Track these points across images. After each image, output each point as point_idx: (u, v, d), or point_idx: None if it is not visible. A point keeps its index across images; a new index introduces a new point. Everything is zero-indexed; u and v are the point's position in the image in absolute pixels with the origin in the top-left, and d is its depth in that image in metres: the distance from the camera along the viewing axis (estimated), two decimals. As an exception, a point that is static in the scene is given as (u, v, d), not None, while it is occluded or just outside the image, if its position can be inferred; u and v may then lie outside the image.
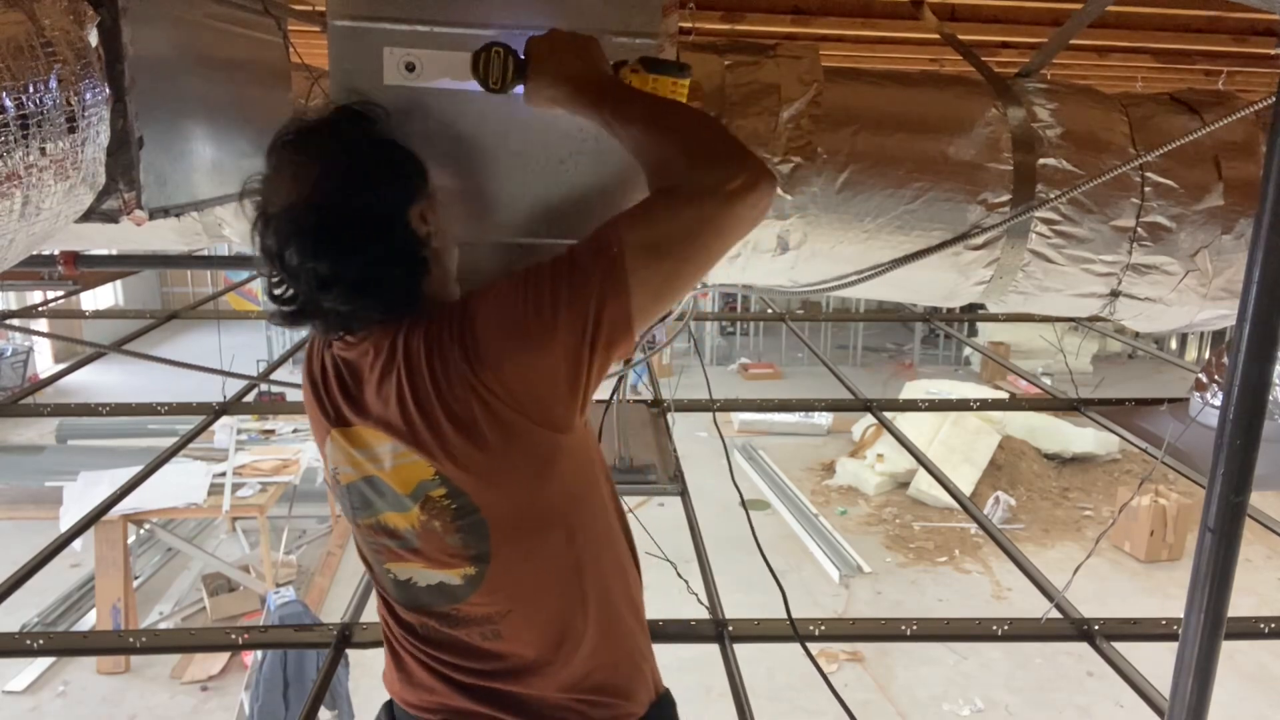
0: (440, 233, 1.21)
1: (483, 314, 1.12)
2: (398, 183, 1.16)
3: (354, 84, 1.52)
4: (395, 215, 1.14)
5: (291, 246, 1.09)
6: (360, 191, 1.12)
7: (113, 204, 1.42)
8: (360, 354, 1.19)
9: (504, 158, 1.57)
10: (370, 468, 1.20)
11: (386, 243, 1.12)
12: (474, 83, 1.42)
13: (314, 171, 1.12)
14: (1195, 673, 1.30)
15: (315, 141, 1.16)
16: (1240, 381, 1.21)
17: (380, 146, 1.18)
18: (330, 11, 1.49)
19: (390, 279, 1.13)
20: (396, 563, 1.25)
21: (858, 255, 1.95)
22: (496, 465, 1.13)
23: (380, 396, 1.16)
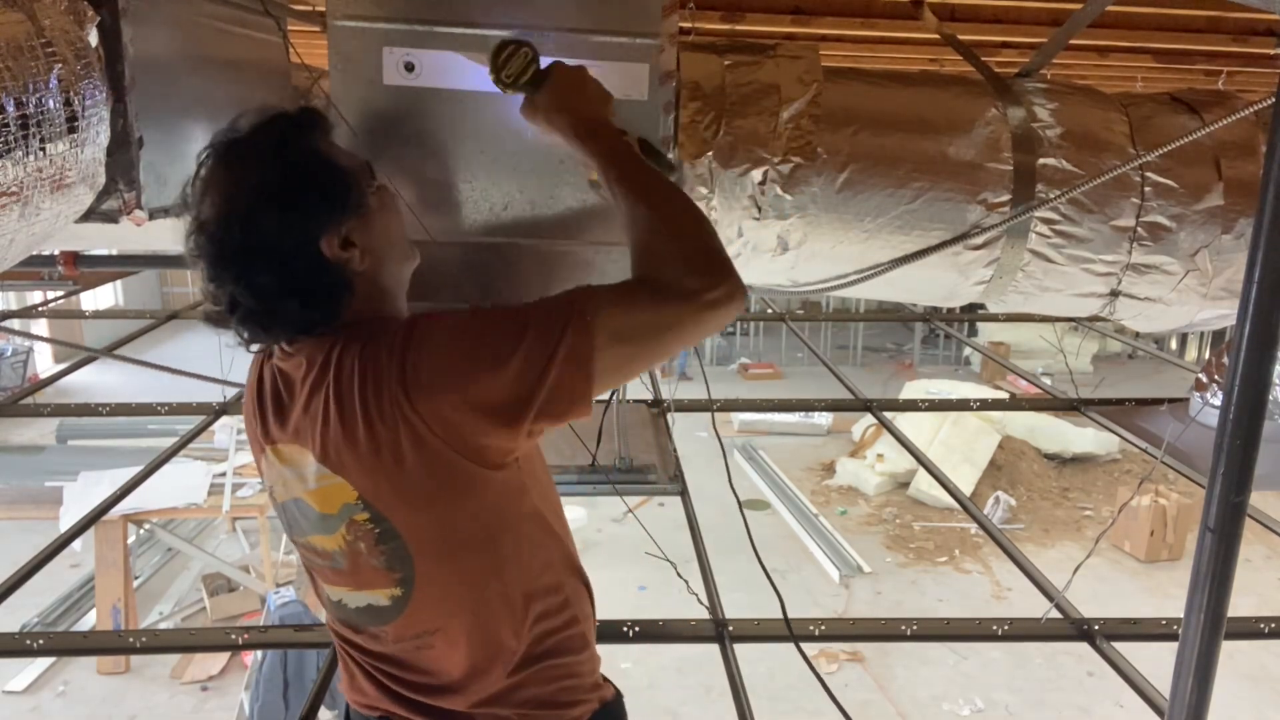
0: (372, 252, 1.15)
1: (430, 341, 1.07)
2: (311, 208, 1.09)
3: (354, 84, 1.53)
4: (301, 244, 1.08)
5: (203, 259, 1.08)
6: (265, 216, 1.07)
7: (113, 204, 1.42)
8: (294, 366, 1.15)
9: (501, 158, 1.57)
10: (297, 488, 1.18)
11: (287, 271, 1.07)
12: (473, 82, 1.43)
13: (229, 188, 1.08)
14: (1195, 673, 1.30)
15: (237, 154, 1.11)
16: (1240, 381, 1.21)
17: (302, 166, 1.11)
18: (330, 11, 1.49)
19: (290, 307, 1.09)
20: (328, 584, 1.24)
21: (858, 255, 1.95)
22: (418, 491, 1.10)
23: (308, 414, 1.12)
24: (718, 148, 1.81)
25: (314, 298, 1.09)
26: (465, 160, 1.57)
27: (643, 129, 1.57)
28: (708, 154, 1.81)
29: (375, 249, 1.15)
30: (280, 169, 1.09)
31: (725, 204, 1.85)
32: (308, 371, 1.12)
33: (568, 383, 1.05)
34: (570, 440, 2.59)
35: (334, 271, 1.10)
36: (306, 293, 1.09)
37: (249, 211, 1.06)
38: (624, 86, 1.54)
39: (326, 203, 1.10)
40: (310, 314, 1.10)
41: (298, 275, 1.08)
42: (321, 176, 1.11)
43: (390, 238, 1.20)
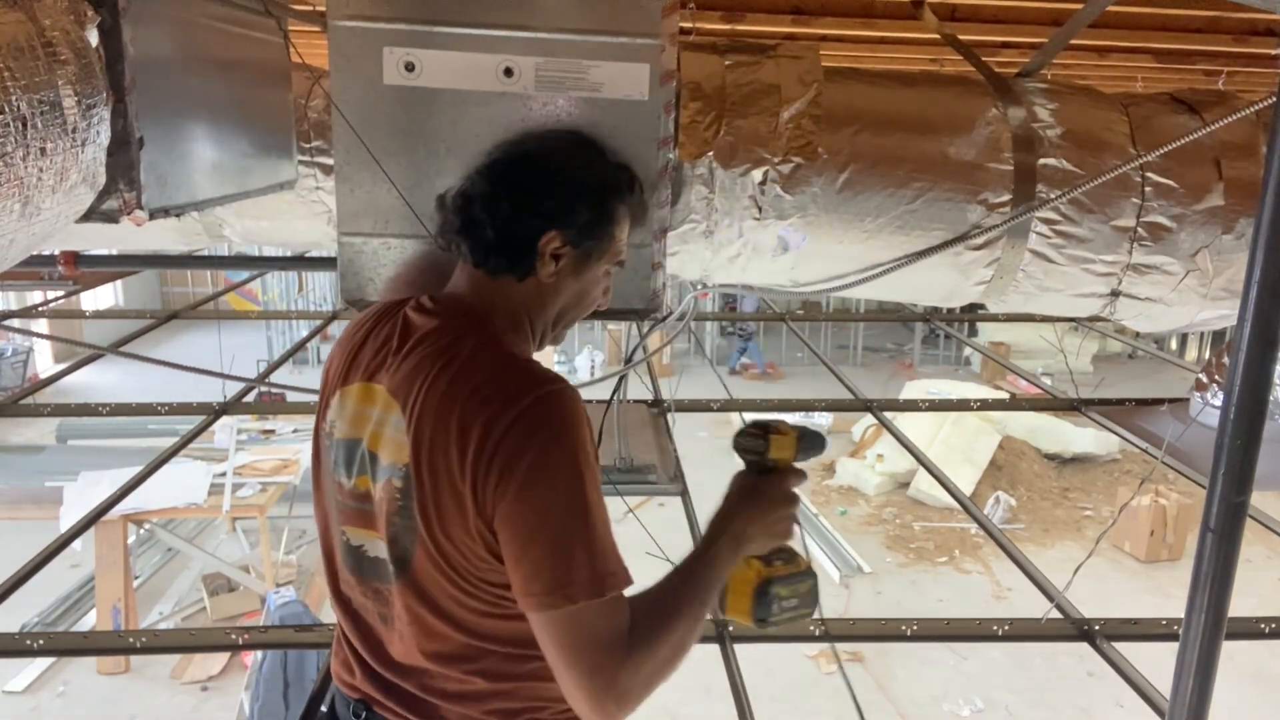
0: (557, 281, 1.27)
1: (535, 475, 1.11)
2: (575, 212, 1.24)
3: (354, 84, 1.53)
4: (544, 216, 1.22)
5: (479, 167, 1.27)
6: (549, 179, 1.24)
7: (113, 204, 1.42)
8: (426, 322, 1.23)
9: (504, 158, 1.56)
10: (366, 428, 1.22)
11: (518, 218, 1.22)
12: (473, 82, 1.44)
13: (559, 148, 1.32)
14: (1196, 673, 1.30)
15: (566, 137, 1.37)
16: (1241, 381, 1.21)
17: (605, 193, 1.28)
18: (330, 11, 1.49)
19: (487, 236, 1.22)
20: (355, 527, 1.26)
21: (858, 255, 1.95)
22: (448, 518, 1.15)
23: (414, 368, 1.18)
24: (718, 148, 1.81)
25: (501, 247, 1.23)
26: (465, 160, 1.57)
27: (643, 129, 1.57)
28: (708, 154, 1.81)
29: (561, 285, 1.28)
30: (591, 177, 1.28)
31: (726, 204, 1.85)
32: (435, 336, 1.21)
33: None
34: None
35: (529, 253, 1.23)
36: (506, 237, 1.23)
37: (540, 173, 1.25)
38: (624, 87, 1.54)
39: (584, 226, 1.25)
40: (489, 252, 1.24)
41: (516, 226, 1.23)
42: (601, 217, 1.27)
43: (573, 293, 1.30)
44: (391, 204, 1.59)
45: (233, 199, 1.92)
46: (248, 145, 1.99)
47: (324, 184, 2.50)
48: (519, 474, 1.10)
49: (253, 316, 13.48)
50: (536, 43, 1.51)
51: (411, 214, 1.58)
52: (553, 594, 1.10)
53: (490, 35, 1.50)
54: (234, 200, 1.94)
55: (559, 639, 1.11)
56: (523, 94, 1.54)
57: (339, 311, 5.12)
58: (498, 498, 1.11)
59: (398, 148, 1.56)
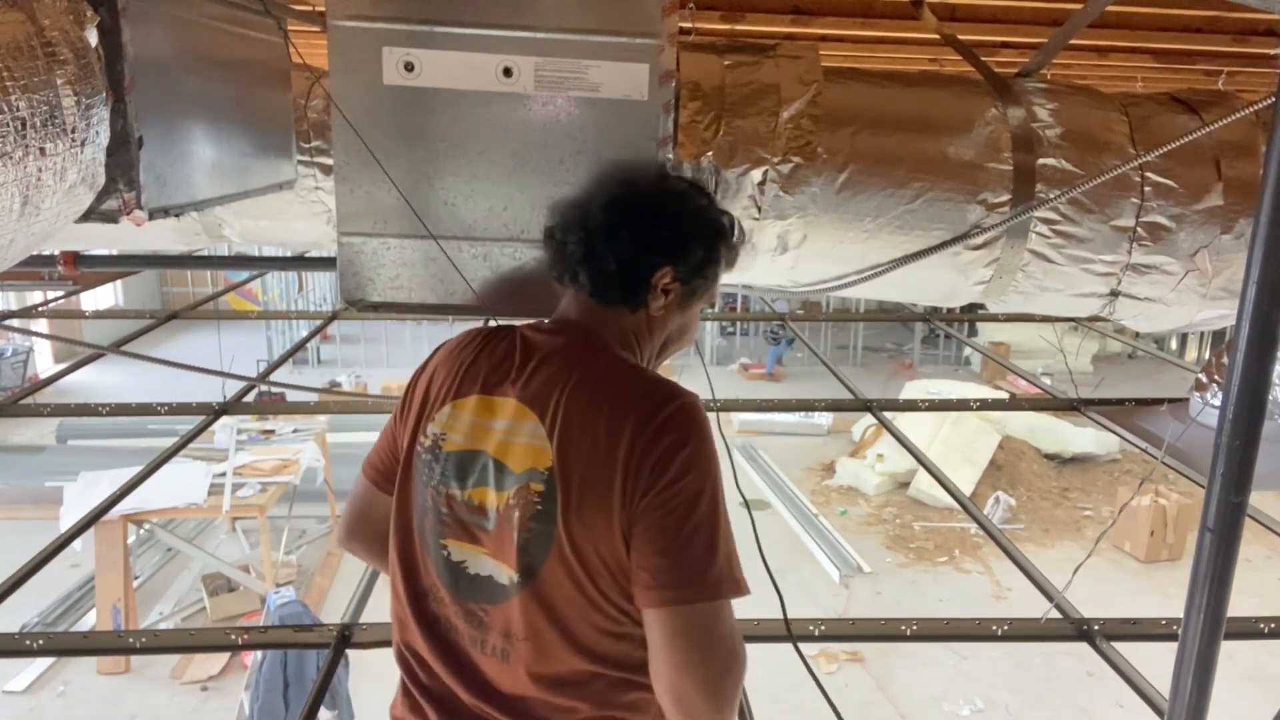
0: (664, 315, 1.33)
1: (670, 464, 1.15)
2: (688, 249, 1.31)
3: (354, 84, 1.53)
4: (660, 251, 1.29)
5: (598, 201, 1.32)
6: (666, 219, 1.31)
7: (113, 204, 1.42)
8: (550, 340, 1.29)
9: (504, 158, 1.57)
10: (489, 440, 1.24)
11: (633, 253, 1.28)
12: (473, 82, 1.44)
13: (676, 191, 1.37)
14: (1195, 673, 1.30)
15: (681, 182, 1.41)
16: (1240, 381, 1.21)
17: (713, 237, 1.35)
18: (330, 11, 1.49)
19: (607, 266, 1.28)
20: (459, 542, 1.25)
21: (858, 255, 1.95)
22: (592, 516, 1.17)
23: (548, 379, 1.23)
24: (718, 148, 1.81)
25: (620, 278, 1.29)
26: (465, 160, 1.57)
27: (642, 129, 1.57)
28: (708, 154, 1.81)
29: (668, 318, 1.35)
30: (704, 218, 1.35)
31: (725, 204, 1.85)
32: (565, 352, 1.26)
33: None
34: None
35: (642, 285, 1.30)
36: (625, 270, 1.29)
37: (661, 212, 1.32)
38: (624, 87, 1.54)
39: (695, 265, 1.32)
40: (607, 283, 1.30)
41: (635, 259, 1.29)
42: (709, 257, 1.34)
43: (677, 326, 1.38)
44: (391, 204, 1.59)
45: (232, 199, 1.92)
46: (247, 145, 1.99)
47: (324, 184, 2.50)
48: (672, 469, 1.14)
49: (253, 316, 13.49)
50: (536, 43, 1.51)
51: (411, 214, 1.58)
52: (693, 587, 1.12)
53: (490, 35, 1.50)
54: (233, 200, 1.94)
55: (692, 634, 1.13)
56: (522, 94, 1.54)
57: (339, 311, 5.12)
58: (647, 489, 1.14)
59: (398, 148, 1.56)
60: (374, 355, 14.47)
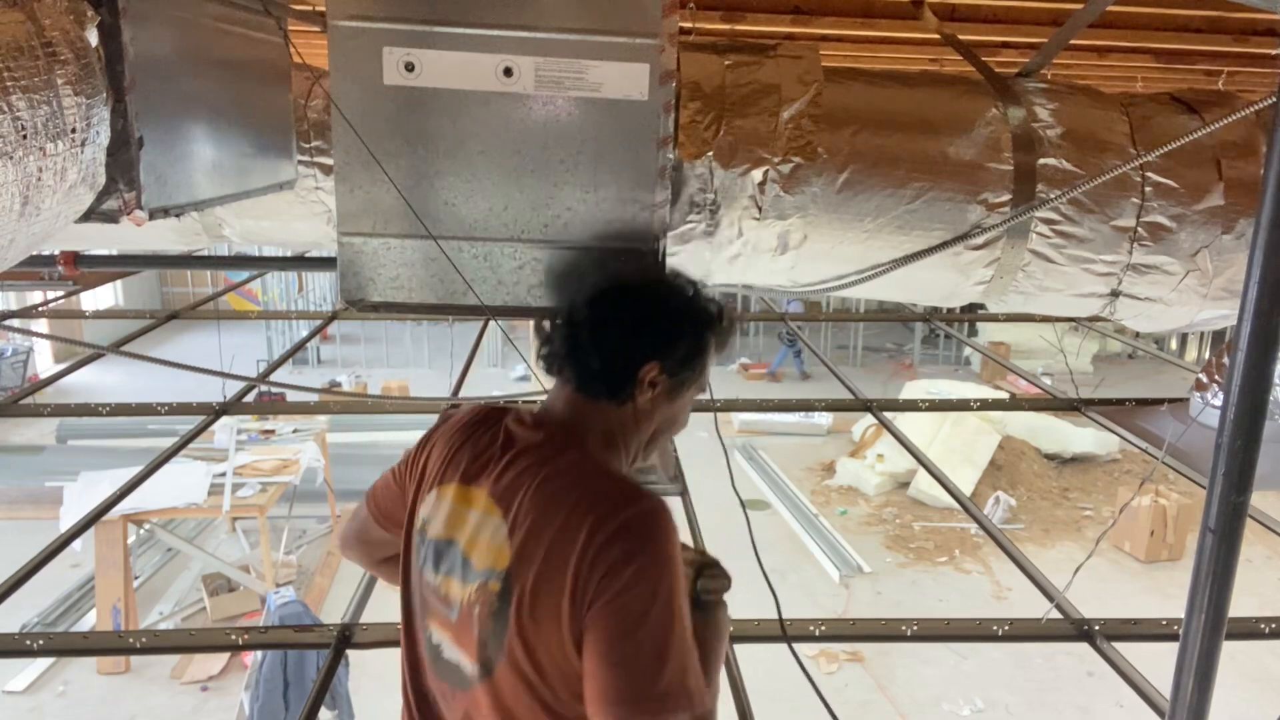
0: (652, 405, 1.31)
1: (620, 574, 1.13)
2: (674, 344, 1.30)
3: (354, 84, 1.53)
4: (645, 348, 1.28)
5: (588, 305, 1.31)
6: (651, 318, 1.30)
7: (113, 204, 1.42)
8: (530, 434, 1.28)
9: (504, 158, 1.57)
10: (463, 531, 1.25)
11: (620, 350, 1.28)
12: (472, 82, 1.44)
13: (653, 288, 1.35)
14: (1196, 673, 1.30)
15: (667, 273, 1.39)
16: (1240, 381, 1.21)
17: (699, 326, 1.33)
18: (330, 11, 1.49)
19: (593, 363, 1.28)
20: (438, 626, 1.29)
21: (858, 255, 1.95)
22: (545, 621, 1.16)
23: (518, 476, 1.23)
24: (718, 148, 1.81)
25: (604, 375, 1.29)
26: (465, 160, 1.57)
27: (642, 129, 1.57)
28: (708, 154, 1.81)
29: (655, 410, 1.33)
30: (690, 310, 1.33)
31: (725, 204, 1.85)
32: (539, 448, 1.26)
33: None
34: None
35: (628, 381, 1.28)
36: (610, 366, 1.28)
37: (647, 307, 1.31)
38: (624, 86, 1.54)
39: (683, 358, 1.31)
40: (592, 379, 1.29)
41: (621, 356, 1.28)
42: (697, 349, 1.33)
43: (665, 417, 1.35)
44: (391, 204, 1.59)
45: (232, 199, 1.92)
46: (247, 145, 1.99)
47: (324, 184, 2.50)
48: (623, 578, 1.12)
49: (253, 316, 13.49)
50: (536, 42, 1.51)
51: (411, 214, 1.58)
52: (639, 701, 1.10)
53: (490, 35, 1.50)
54: (234, 200, 1.94)
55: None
56: (522, 94, 1.54)
57: (339, 311, 5.12)
58: (596, 597, 1.13)
59: (398, 148, 1.56)
60: (374, 355, 14.47)
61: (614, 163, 1.59)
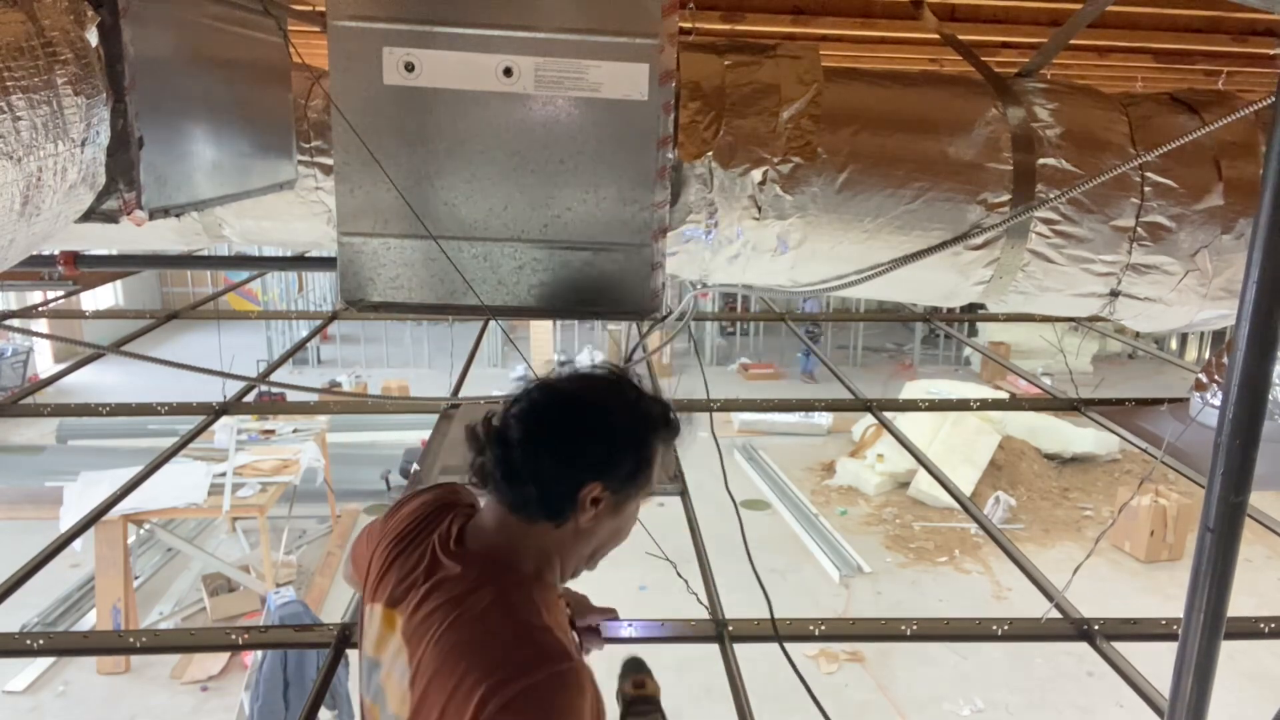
0: (595, 524, 1.24)
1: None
2: (616, 464, 1.21)
3: (354, 84, 1.53)
4: (585, 469, 1.19)
5: (519, 423, 1.21)
6: (590, 435, 1.20)
7: (113, 204, 1.42)
8: (452, 561, 1.22)
9: (503, 158, 1.57)
10: (385, 659, 1.22)
11: (558, 471, 1.19)
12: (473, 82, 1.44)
13: (591, 399, 1.25)
14: (1195, 673, 1.30)
15: (612, 387, 1.27)
16: (1240, 381, 1.21)
17: (640, 442, 1.24)
18: (330, 11, 1.49)
19: (529, 490, 1.19)
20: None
21: (858, 255, 1.95)
22: None
23: (430, 614, 1.17)
24: (718, 148, 1.81)
25: (544, 498, 1.20)
26: (465, 160, 1.57)
27: (642, 129, 1.57)
28: (708, 154, 1.81)
29: (598, 527, 1.25)
30: (633, 422, 1.24)
31: (725, 204, 1.85)
32: (455, 583, 1.19)
33: None
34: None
35: (569, 502, 1.20)
36: (547, 491, 1.20)
37: (584, 424, 1.22)
38: (624, 86, 1.54)
39: (626, 474, 1.23)
40: (527, 503, 1.21)
41: (559, 480, 1.20)
42: (642, 461, 1.24)
43: (609, 530, 1.28)
44: (391, 204, 1.59)
45: (232, 199, 1.92)
46: (247, 145, 1.99)
47: (324, 184, 2.50)
48: None
49: (253, 316, 13.49)
50: (536, 43, 1.51)
51: (411, 214, 1.58)
52: None
53: (490, 35, 1.50)
54: (234, 200, 1.94)
55: None
56: (522, 94, 1.54)
57: (339, 311, 5.12)
58: None
59: (398, 148, 1.56)
60: (374, 355, 14.46)
61: (614, 163, 1.60)
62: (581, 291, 1.69)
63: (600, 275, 1.67)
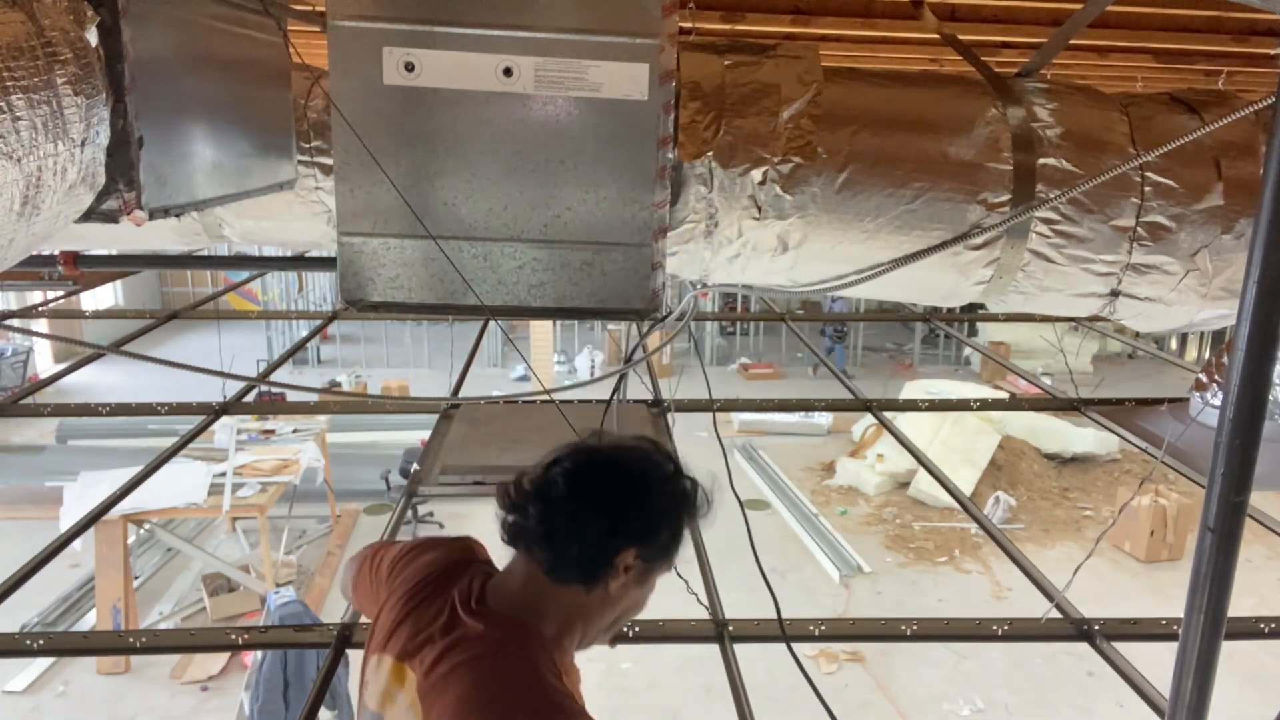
0: (623, 591, 1.25)
1: None
2: (653, 531, 1.23)
3: (354, 84, 1.53)
4: (627, 535, 1.20)
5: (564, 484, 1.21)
6: (635, 501, 1.21)
7: (113, 204, 1.42)
8: (473, 620, 1.21)
9: (505, 157, 1.57)
10: (391, 714, 1.21)
11: (601, 534, 1.19)
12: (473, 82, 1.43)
13: (639, 467, 1.26)
14: (1195, 673, 1.30)
15: (646, 451, 1.28)
16: (1240, 381, 1.21)
17: (679, 513, 1.26)
18: (330, 11, 1.49)
19: (571, 549, 1.20)
20: None
21: (858, 255, 1.95)
22: None
23: (445, 675, 1.16)
24: (718, 147, 1.81)
25: (583, 559, 1.21)
26: (465, 160, 1.57)
27: (642, 129, 1.57)
28: (708, 154, 1.81)
29: (625, 594, 1.26)
30: (670, 496, 1.25)
31: (725, 204, 1.85)
32: (475, 644, 1.19)
33: None
34: (571, 440, 2.58)
35: (604, 565, 1.21)
36: (587, 552, 1.21)
37: (630, 490, 1.22)
38: (624, 86, 1.54)
39: (662, 544, 1.25)
40: (567, 565, 1.21)
41: (599, 542, 1.20)
42: (676, 532, 1.26)
43: (632, 603, 1.29)
44: (391, 204, 1.59)
45: (232, 199, 1.92)
46: (247, 145, 1.99)
47: (324, 184, 2.50)
48: None
49: (253, 316, 13.50)
50: (536, 43, 1.51)
51: (411, 214, 1.58)
52: None
53: (490, 35, 1.50)
54: (233, 200, 1.94)
55: None
56: (522, 94, 1.54)
57: (339, 311, 5.12)
58: None
59: (398, 148, 1.56)
60: (374, 355, 14.47)
61: (614, 163, 1.60)
62: (581, 291, 1.69)
63: (600, 275, 1.67)
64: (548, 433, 2.99)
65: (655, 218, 1.65)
